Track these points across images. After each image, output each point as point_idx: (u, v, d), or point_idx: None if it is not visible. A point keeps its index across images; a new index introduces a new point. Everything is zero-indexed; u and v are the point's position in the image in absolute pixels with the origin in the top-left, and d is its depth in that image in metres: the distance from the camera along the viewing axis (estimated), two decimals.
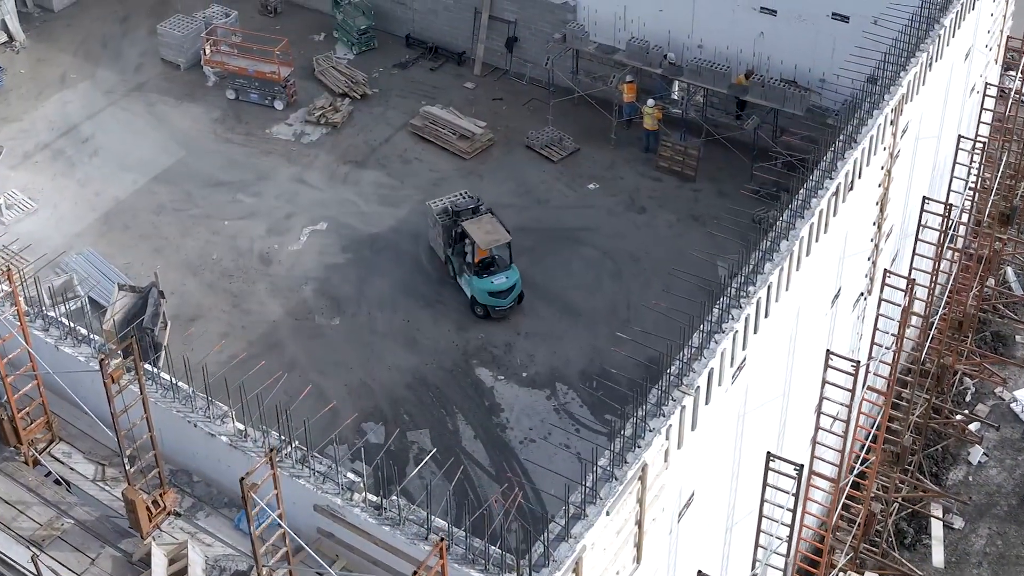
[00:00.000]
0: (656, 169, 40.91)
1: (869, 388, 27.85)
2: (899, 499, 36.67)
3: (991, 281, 42.72)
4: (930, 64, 27.71)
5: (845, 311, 26.93)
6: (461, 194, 37.52)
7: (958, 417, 40.05)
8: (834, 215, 24.10)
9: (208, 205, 40.11)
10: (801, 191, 23.54)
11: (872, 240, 27.48)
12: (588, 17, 43.16)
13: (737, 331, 20.79)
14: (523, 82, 45.09)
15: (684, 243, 38.19)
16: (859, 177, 25.16)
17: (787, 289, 22.19)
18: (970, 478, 38.90)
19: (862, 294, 28.07)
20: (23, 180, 41.13)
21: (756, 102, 39.49)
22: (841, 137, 25.12)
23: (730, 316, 20.83)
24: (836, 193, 23.88)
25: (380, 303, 36.43)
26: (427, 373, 34.26)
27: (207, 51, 44.90)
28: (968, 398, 41.27)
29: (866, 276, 27.96)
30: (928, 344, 34.71)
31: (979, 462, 39.10)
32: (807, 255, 22.82)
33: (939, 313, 35.98)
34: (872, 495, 32.85)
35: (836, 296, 25.77)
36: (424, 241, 38.08)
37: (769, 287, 21.70)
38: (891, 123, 26.05)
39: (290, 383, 33.95)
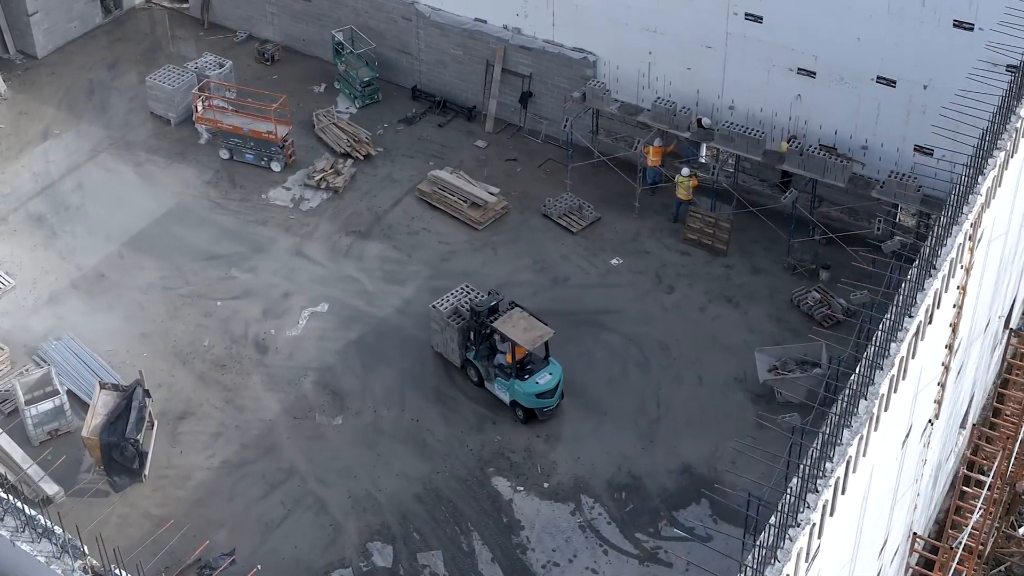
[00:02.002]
0: (684, 241, 37.82)
1: None
2: None
3: None
4: (1007, 163, 24.68)
5: (913, 446, 23.98)
6: (463, 288, 34.05)
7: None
8: (913, 357, 21.03)
9: (199, 282, 37.04)
10: (875, 337, 20.25)
11: (943, 363, 24.51)
12: (609, 73, 40.04)
13: (813, 522, 17.66)
14: (538, 140, 41.97)
15: (717, 328, 35.15)
16: (938, 307, 22.07)
17: (864, 455, 19.17)
18: None
19: (930, 420, 25.14)
20: (0, 251, 38.09)
21: (793, 171, 36.38)
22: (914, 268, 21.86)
23: (805, 504, 17.66)
24: (917, 333, 20.81)
25: (386, 398, 33.36)
26: (439, 483, 31.19)
27: (199, 108, 41.80)
28: None
29: (935, 401, 24.99)
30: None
31: None
32: (886, 411, 19.79)
33: None
34: None
35: (906, 437, 22.84)
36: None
37: (848, 460, 18.60)
38: (969, 238, 23.01)
39: (287, 493, 31.23)
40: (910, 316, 20.71)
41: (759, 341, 34.55)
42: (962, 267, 23.51)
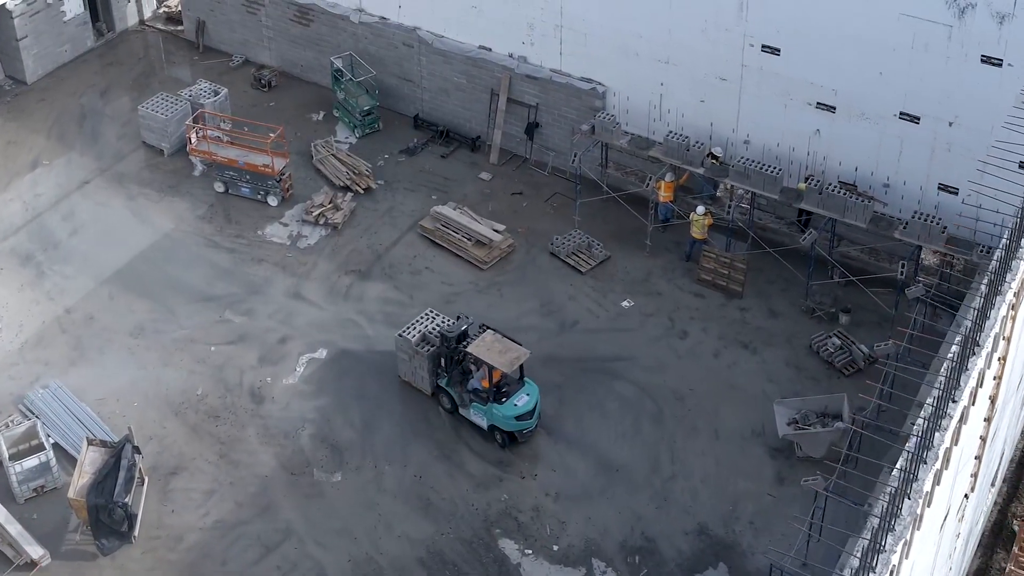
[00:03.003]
0: (697, 282, 36.27)
1: None
2: None
3: None
4: None
5: (950, 526, 22.49)
6: (428, 314, 33.22)
7: None
8: (956, 444, 19.54)
9: (192, 326, 35.51)
10: (919, 428, 18.61)
11: (980, 435, 23.01)
12: (618, 104, 38.50)
13: None
14: (545, 172, 40.43)
15: (733, 376, 33.62)
16: (981, 386, 20.56)
17: (908, 557, 17.67)
18: None
19: (965, 495, 23.68)
20: None
21: (812, 210, 34.84)
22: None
23: None
24: (961, 418, 19.28)
25: (387, 453, 31.84)
26: (443, 545, 29.68)
27: (193, 139, 40.26)
28: None
29: (971, 475, 23.55)
30: None
31: None
32: (929, 506, 18.29)
33: None
34: None
35: (944, 520, 21.36)
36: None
37: (892, 569, 17.09)
38: (1012, 307, 21.48)
39: (284, 557, 29.75)
40: (954, 401, 19.18)
41: (777, 391, 33.05)
42: (1004, 338, 22.01)
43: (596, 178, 38.34)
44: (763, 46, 35.10)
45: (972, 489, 24.26)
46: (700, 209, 36.16)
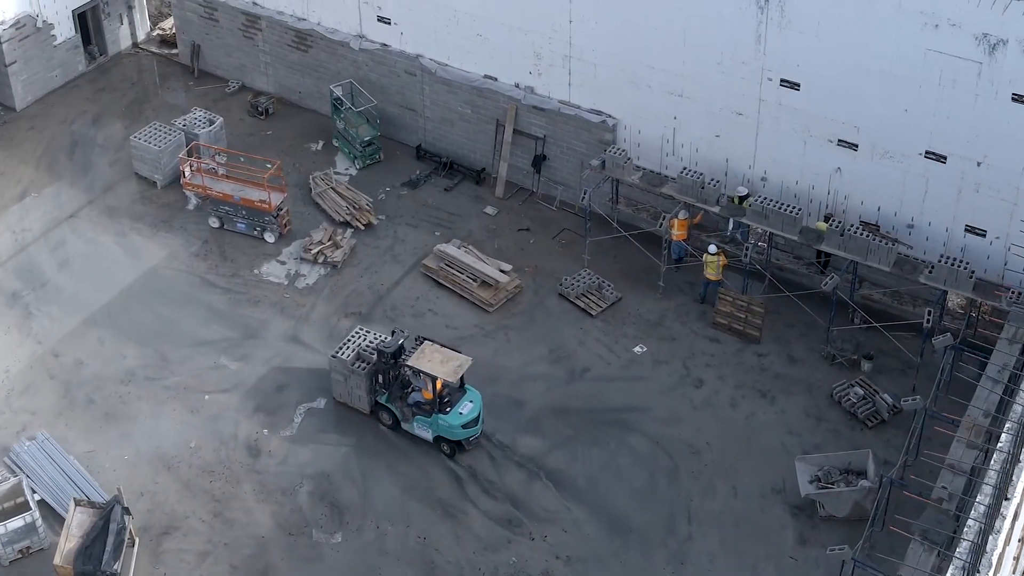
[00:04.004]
0: (713, 326, 34.76)
1: None
2: None
3: None
4: None
5: None
6: (358, 332, 32.85)
7: None
8: (1008, 544, 18.09)
9: (186, 372, 34.00)
10: (974, 539, 17.08)
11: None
12: (630, 138, 36.98)
13: None
14: (552, 207, 38.88)
15: (752, 428, 32.13)
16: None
17: None
18: None
19: None
20: None
21: (834, 252, 33.34)
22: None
23: None
24: (1015, 517, 17.82)
25: (389, 512, 30.33)
26: None
27: (187, 173, 38.74)
28: None
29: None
30: None
31: None
32: None
33: None
34: None
35: None
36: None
37: None
38: None
39: None
40: (1007, 499, 17.70)
41: (797, 444, 31.56)
42: None
43: (606, 214, 36.84)
44: (782, 80, 33.57)
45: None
46: (712, 248, 34.66)
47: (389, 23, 39.99)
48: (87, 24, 45.57)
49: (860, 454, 30.37)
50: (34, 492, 30.49)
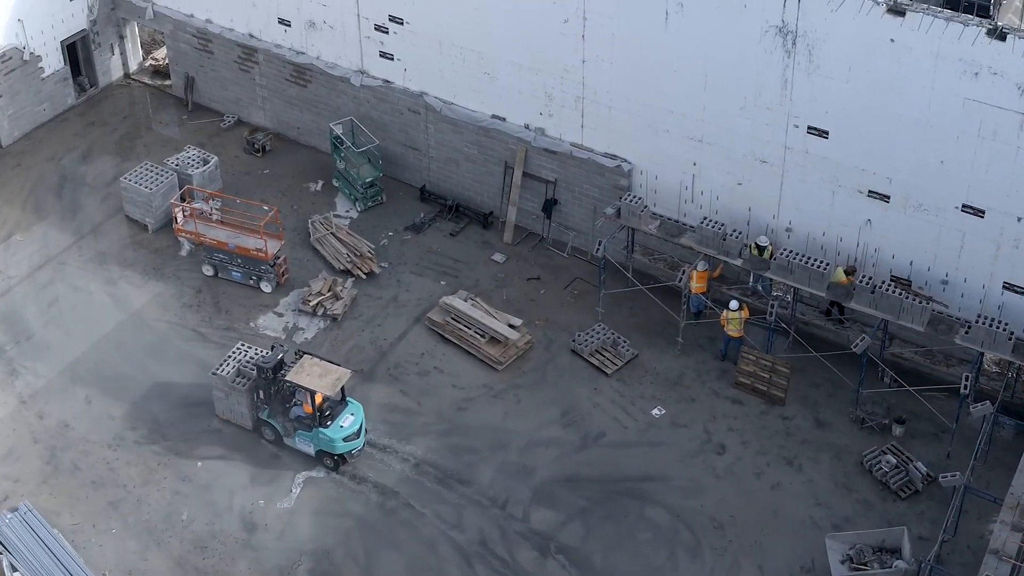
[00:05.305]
0: (735, 386, 32.88)
1: None
2: None
3: None
4: None
5: None
6: (239, 348, 32.48)
7: None
8: None
9: (177, 436, 32.11)
10: None
11: None
12: (646, 184, 35.10)
13: None
14: (564, 254, 37.00)
15: (778, 500, 30.25)
16: None
17: None
18: None
19: None
20: None
21: (862, 310, 31.44)
22: None
23: None
24: None
25: None
26: None
27: (179, 218, 36.86)
28: None
29: None
30: None
31: None
32: None
33: None
34: None
35: None
36: (448, 501, 30.17)
37: None
38: None
39: None
40: None
41: (827, 518, 29.68)
42: None
43: (622, 263, 34.96)
44: (809, 127, 31.68)
45: None
46: (734, 304, 32.81)
47: (392, 59, 38.11)
48: (76, 55, 43.70)
49: (895, 532, 28.48)
50: (15, 571, 28.65)
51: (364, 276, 36.31)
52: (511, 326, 34.01)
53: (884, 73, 29.95)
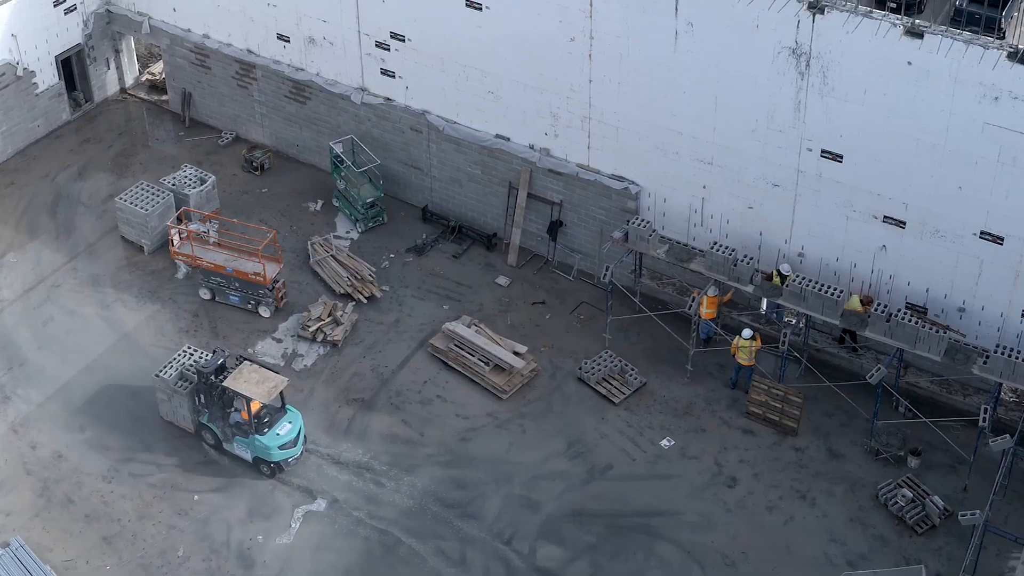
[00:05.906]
0: (746, 415, 32.03)
1: None
2: None
3: None
4: None
5: None
6: (185, 351, 32.39)
7: None
8: None
9: (173, 468, 31.25)
10: None
11: None
12: (654, 206, 34.24)
13: None
14: (570, 277, 36.13)
15: (791, 535, 29.39)
16: None
17: None
18: None
19: None
20: None
21: (877, 338, 30.59)
22: None
23: None
24: None
25: None
26: None
27: (175, 241, 36.01)
28: None
29: None
30: None
31: None
32: None
33: None
34: None
35: None
36: (450, 543, 29.31)
37: None
38: None
39: None
40: None
41: (842, 555, 28.83)
42: None
43: (629, 288, 34.11)
44: (823, 151, 30.81)
45: None
46: (747, 333, 31.97)
47: (393, 76, 37.23)
48: (71, 70, 42.85)
49: (913, 571, 27.64)
50: None
51: (365, 300, 35.45)
52: (516, 353, 33.15)
53: (901, 96, 29.08)
